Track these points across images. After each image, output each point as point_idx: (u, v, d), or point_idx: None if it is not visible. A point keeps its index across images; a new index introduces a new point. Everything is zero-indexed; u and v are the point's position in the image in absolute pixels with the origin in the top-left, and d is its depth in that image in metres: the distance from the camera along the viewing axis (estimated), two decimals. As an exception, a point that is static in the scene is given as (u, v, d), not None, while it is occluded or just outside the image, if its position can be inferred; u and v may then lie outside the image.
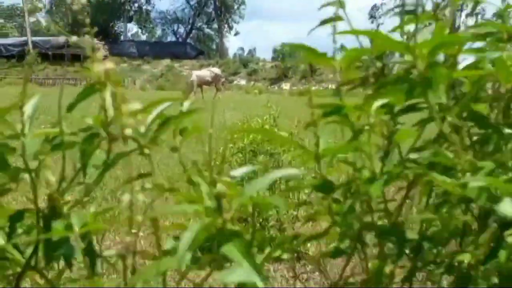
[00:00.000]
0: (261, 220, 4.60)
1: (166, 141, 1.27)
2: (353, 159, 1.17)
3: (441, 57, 1.15)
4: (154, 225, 1.12)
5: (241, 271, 0.99)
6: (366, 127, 1.09)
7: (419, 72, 1.05)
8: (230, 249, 1.00)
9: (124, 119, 1.18)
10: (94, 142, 1.25)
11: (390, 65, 1.27)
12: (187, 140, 1.28)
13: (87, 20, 1.21)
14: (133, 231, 1.11)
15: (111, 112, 1.20)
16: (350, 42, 1.29)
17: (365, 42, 1.20)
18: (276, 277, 3.48)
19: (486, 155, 1.12)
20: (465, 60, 1.21)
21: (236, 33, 67.14)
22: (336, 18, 1.28)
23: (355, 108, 1.10)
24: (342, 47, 1.26)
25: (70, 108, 1.28)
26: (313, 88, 1.20)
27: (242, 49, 59.71)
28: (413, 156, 1.13)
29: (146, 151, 1.24)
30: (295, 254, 1.45)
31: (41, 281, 1.35)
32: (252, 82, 41.86)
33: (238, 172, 1.18)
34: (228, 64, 47.87)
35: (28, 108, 1.30)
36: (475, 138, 1.24)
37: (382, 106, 1.13)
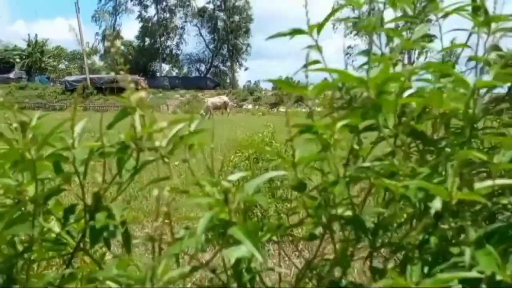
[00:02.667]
0: (263, 211, 4.60)
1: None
2: (322, 167, 1.17)
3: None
4: (167, 216, 1.12)
5: (244, 248, 0.99)
6: (332, 142, 1.08)
7: (371, 100, 1.05)
8: (235, 231, 1.00)
9: (148, 135, 1.19)
10: (127, 152, 1.25)
11: (358, 94, 1.26)
12: (200, 150, 1.28)
13: (130, 62, 1.21)
14: (160, 219, 1.12)
15: (139, 129, 1.20)
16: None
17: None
18: (275, 255, 3.46)
19: (425, 163, 1.12)
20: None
21: (246, 69, 67.45)
22: (314, 62, 1.29)
23: (323, 127, 1.10)
24: (325, 79, 1.26)
25: (109, 127, 1.28)
26: (303, 110, 1.21)
27: (249, 81, 59.90)
28: (367, 164, 1.13)
29: (166, 160, 1.24)
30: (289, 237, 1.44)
31: (88, 260, 1.35)
32: (257, 106, 41.97)
33: (234, 177, 1.18)
34: (239, 93, 48.00)
35: (77, 128, 1.30)
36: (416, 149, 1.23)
37: (347, 126, 1.13)
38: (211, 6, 64.20)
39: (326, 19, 1.30)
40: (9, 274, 1.32)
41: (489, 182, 0.97)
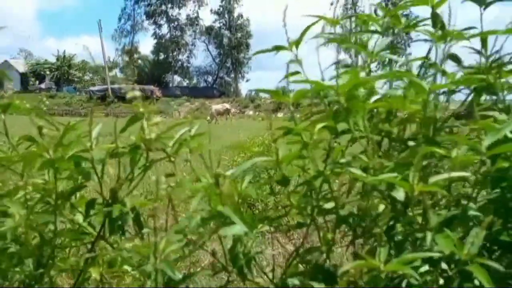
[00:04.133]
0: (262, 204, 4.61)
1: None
2: (303, 164, 1.18)
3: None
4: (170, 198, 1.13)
5: (237, 227, 1.00)
6: (311, 142, 1.10)
7: (341, 105, 1.06)
8: (227, 211, 1.01)
9: (155, 137, 1.20)
10: (138, 153, 1.27)
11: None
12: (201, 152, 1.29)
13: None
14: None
15: (147, 132, 1.21)
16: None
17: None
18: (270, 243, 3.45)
19: (392, 159, 1.12)
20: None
21: (247, 80, 67.35)
22: (294, 73, 1.30)
23: (303, 129, 1.11)
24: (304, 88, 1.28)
25: (122, 130, 1.30)
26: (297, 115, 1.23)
27: (250, 90, 59.77)
28: (343, 160, 1.13)
29: (172, 159, 1.25)
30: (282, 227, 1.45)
31: (108, 246, 1.36)
32: (257, 112, 41.83)
33: (230, 171, 1.19)
34: (241, 100, 47.81)
35: (94, 132, 1.31)
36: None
37: (325, 127, 1.14)
38: (217, 25, 64.15)
39: (301, 36, 1.32)
40: (39, 259, 1.32)
41: (445, 175, 0.98)
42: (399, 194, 0.97)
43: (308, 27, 1.34)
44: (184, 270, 3.11)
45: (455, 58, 1.34)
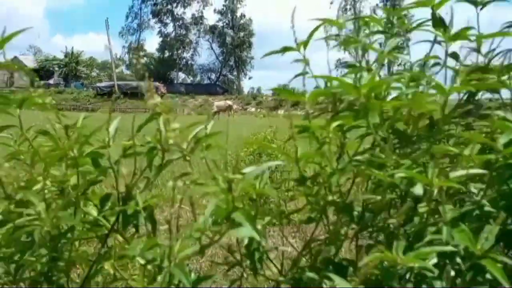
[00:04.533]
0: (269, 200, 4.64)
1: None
2: (319, 161, 1.17)
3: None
4: (191, 202, 1.12)
5: (245, 230, 0.99)
6: (327, 140, 1.08)
7: (361, 103, 1.05)
8: (238, 216, 1.00)
9: (171, 137, 1.19)
10: (154, 152, 1.26)
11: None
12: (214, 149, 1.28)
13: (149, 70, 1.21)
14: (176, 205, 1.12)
15: (164, 133, 1.20)
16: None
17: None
18: (275, 236, 3.45)
19: (405, 156, 1.11)
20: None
21: (250, 78, 67.44)
22: (303, 73, 1.29)
23: (319, 128, 1.10)
24: (317, 87, 1.27)
25: (139, 129, 1.28)
26: (298, 113, 1.21)
27: (252, 88, 59.84)
28: (357, 157, 1.13)
29: (187, 158, 1.24)
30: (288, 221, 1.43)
31: (121, 239, 1.35)
32: (259, 109, 41.86)
33: (248, 169, 1.17)
34: (243, 98, 47.84)
35: (112, 128, 1.30)
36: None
37: (338, 126, 1.13)
38: (220, 24, 64.24)
39: (309, 37, 1.31)
40: (54, 251, 1.32)
41: (463, 171, 0.97)
42: (418, 190, 0.96)
43: (316, 28, 1.33)
44: (195, 263, 3.13)
45: (456, 56, 1.33)
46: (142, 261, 1.38)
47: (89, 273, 1.36)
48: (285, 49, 1.35)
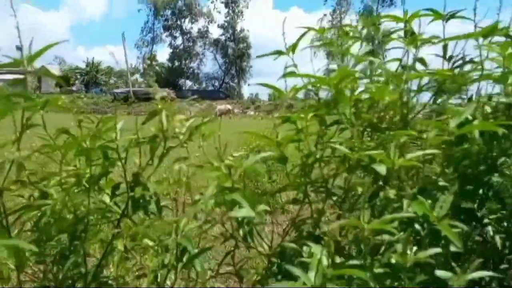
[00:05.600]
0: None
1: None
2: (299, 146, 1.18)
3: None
4: (187, 185, 1.14)
5: (244, 210, 1.00)
6: (304, 128, 1.10)
7: (333, 95, 1.06)
8: (237, 196, 1.01)
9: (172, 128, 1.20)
10: (156, 141, 1.27)
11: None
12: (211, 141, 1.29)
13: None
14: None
15: (165, 124, 1.22)
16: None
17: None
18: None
19: (373, 141, 1.13)
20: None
21: (249, 85, 67.44)
22: (291, 73, 1.30)
23: (299, 118, 1.11)
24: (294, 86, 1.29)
25: (144, 123, 1.30)
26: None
27: (251, 94, 59.65)
28: (333, 141, 1.14)
29: (185, 145, 1.25)
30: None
31: (131, 224, 1.36)
32: (257, 113, 41.76)
33: (236, 154, 1.19)
34: (244, 102, 47.68)
35: (119, 125, 1.31)
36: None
37: (316, 116, 1.14)
38: (223, 38, 64.41)
39: (297, 41, 1.33)
40: (73, 234, 1.33)
41: (420, 152, 0.99)
42: (381, 169, 0.97)
43: (303, 34, 1.35)
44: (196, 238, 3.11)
45: (423, 61, 1.35)
46: (151, 243, 1.40)
47: (105, 252, 1.37)
48: (277, 52, 1.37)
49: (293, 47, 1.32)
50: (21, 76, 1.17)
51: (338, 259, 0.89)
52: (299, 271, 0.80)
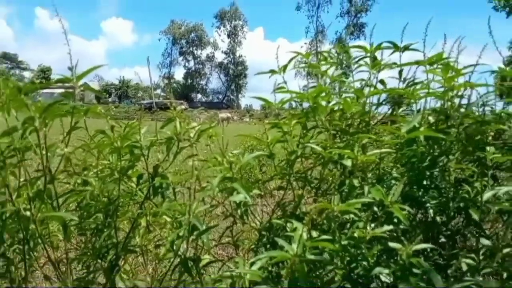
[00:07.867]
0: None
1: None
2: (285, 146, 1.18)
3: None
4: (197, 177, 1.13)
5: (241, 195, 1.00)
6: (289, 131, 1.09)
7: (310, 106, 1.06)
8: (236, 185, 1.01)
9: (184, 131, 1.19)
10: (172, 142, 1.26)
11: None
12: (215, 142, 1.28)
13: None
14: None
15: (178, 128, 1.21)
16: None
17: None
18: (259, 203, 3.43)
19: (342, 141, 1.12)
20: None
21: (244, 96, 67.60)
22: (280, 87, 1.29)
23: (284, 123, 1.11)
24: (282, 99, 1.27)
25: (161, 128, 1.29)
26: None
27: (247, 105, 59.88)
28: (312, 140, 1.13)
29: (194, 145, 1.24)
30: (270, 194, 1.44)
31: (152, 205, 1.35)
32: (251, 120, 41.76)
33: (235, 152, 1.18)
34: (241, 111, 47.74)
35: (143, 130, 1.30)
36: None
37: (298, 122, 1.14)
38: (226, 61, 64.70)
39: (288, 62, 1.31)
40: (107, 214, 1.32)
41: (377, 150, 0.99)
42: (348, 163, 0.97)
43: (292, 58, 1.33)
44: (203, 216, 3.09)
45: (383, 82, 1.35)
46: (168, 219, 1.38)
47: (132, 227, 1.36)
48: (271, 71, 1.35)
49: (284, 68, 1.31)
50: (70, 90, 1.16)
51: (314, 233, 0.89)
52: (284, 243, 0.81)
